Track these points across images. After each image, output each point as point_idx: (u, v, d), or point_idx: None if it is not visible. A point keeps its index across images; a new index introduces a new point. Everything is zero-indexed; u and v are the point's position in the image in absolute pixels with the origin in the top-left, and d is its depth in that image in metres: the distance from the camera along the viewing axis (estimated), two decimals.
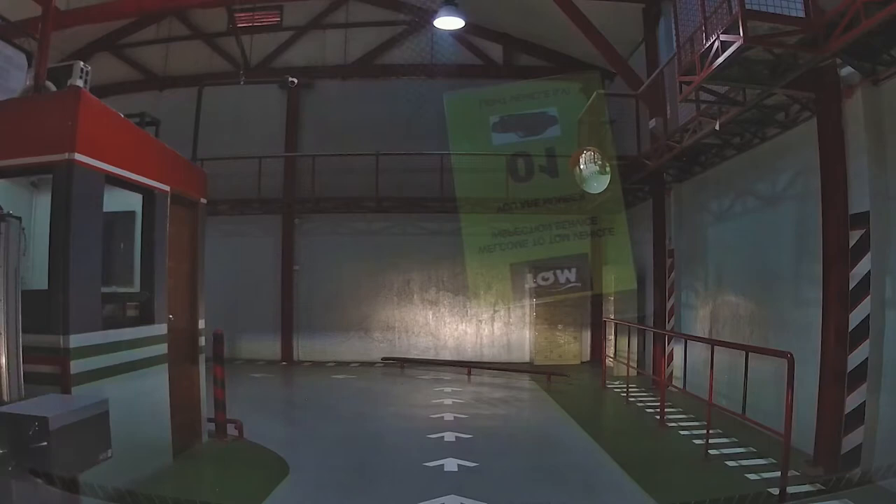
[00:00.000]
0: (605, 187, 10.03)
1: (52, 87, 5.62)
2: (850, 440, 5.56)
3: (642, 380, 11.09)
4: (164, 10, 13.85)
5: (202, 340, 6.89)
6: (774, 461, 5.90)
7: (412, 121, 13.55)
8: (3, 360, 3.56)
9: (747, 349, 6.37)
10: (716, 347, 6.89)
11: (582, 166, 10.07)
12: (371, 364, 13.83)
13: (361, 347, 14.41)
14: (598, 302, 13.76)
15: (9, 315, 3.59)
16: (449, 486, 5.46)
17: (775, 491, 5.16)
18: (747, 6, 5.06)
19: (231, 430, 6.95)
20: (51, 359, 4.52)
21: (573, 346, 13.98)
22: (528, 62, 14.93)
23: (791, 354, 5.26)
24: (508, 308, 14.57)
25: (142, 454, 5.17)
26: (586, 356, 14.23)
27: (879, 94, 5.73)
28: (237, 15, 13.55)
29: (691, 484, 5.71)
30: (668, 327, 10.67)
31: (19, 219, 3.88)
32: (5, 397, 3.55)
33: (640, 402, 9.47)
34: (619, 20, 11.18)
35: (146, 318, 5.75)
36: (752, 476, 5.72)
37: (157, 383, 5.70)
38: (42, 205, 5.32)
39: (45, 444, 3.23)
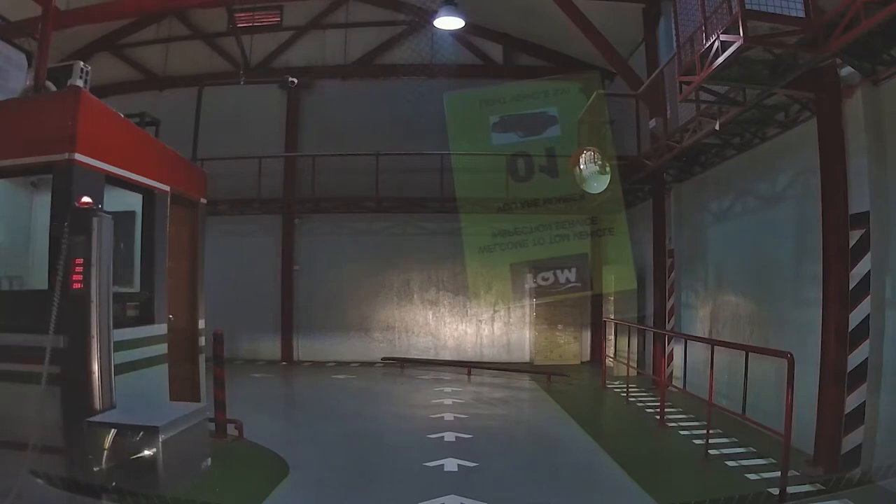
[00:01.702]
0: (605, 187, 10.03)
1: (52, 87, 5.62)
2: (850, 440, 5.56)
3: (642, 380, 11.09)
4: (164, 10, 13.85)
5: (202, 340, 6.89)
6: (774, 461, 5.90)
7: (412, 121, 13.53)
8: (96, 366, 3.27)
9: (747, 349, 6.37)
10: (716, 347, 6.89)
11: (582, 166, 10.07)
12: (371, 364, 13.83)
13: (361, 347, 14.41)
14: (598, 302, 13.77)
15: (101, 316, 3.30)
16: (449, 486, 5.45)
17: (775, 491, 5.15)
18: (747, 6, 5.06)
19: (231, 429, 6.94)
20: (51, 359, 4.51)
21: (573, 346, 13.98)
22: (528, 62, 14.93)
23: (791, 354, 5.25)
24: (508, 308, 14.57)
25: None
26: (586, 356, 14.23)
27: (879, 94, 5.73)
28: (237, 15, 13.56)
29: (691, 484, 5.70)
30: (668, 327, 10.67)
31: (111, 215, 3.63)
32: (97, 405, 3.25)
33: (640, 402, 9.47)
34: (619, 20, 11.18)
35: (146, 318, 5.74)
36: (752, 476, 5.72)
37: (157, 383, 5.70)
38: (42, 205, 5.32)
39: (155, 453, 2.97)
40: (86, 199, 3.43)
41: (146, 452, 3.03)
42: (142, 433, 3.04)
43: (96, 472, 3.01)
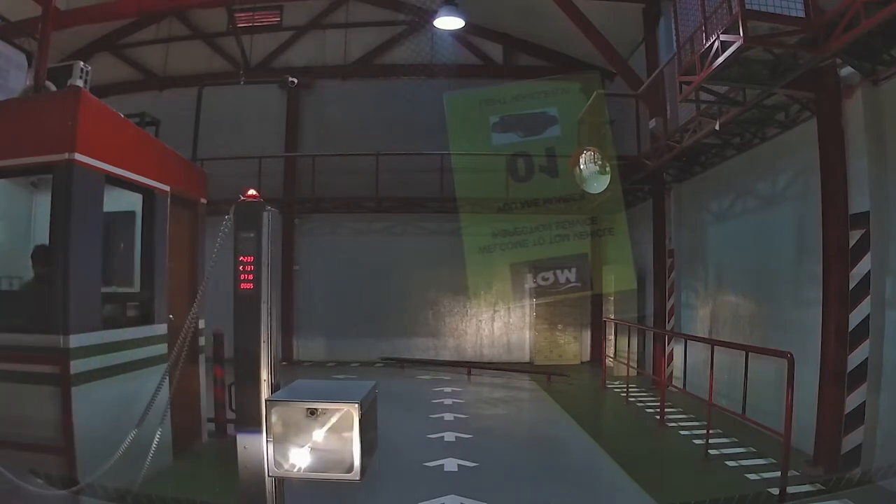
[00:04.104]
0: (605, 187, 10.03)
1: (52, 87, 5.62)
2: (850, 440, 5.57)
3: (642, 380, 11.09)
4: (164, 10, 13.83)
5: (202, 340, 6.88)
6: (774, 461, 5.91)
7: (412, 121, 13.54)
8: (265, 373, 2.99)
9: (747, 349, 6.38)
10: (716, 347, 6.89)
11: (582, 166, 10.07)
12: (371, 364, 13.82)
13: (361, 347, 14.39)
14: (598, 302, 13.76)
15: (272, 319, 3.11)
16: (449, 486, 5.46)
17: (775, 491, 5.16)
18: (747, 6, 5.07)
19: (231, 429, 6.93)
20: (51, 359, 4.52)
21: (573, 346, 13.98)
22: (528, 62, 14.93)
23: (791, 354, 5.26)
24: (508, 308, 14.56)
25: (142, 454, 5.15)
26: (586, 356, 14.23)
27: (879, 94, 5.73)
28: (237, 15, 13.55)
29: (691, 484, 5.71)
30: (668, 327, 10.67)
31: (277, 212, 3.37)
32: (265, 395, 3.04)
33: (640, 402, 9.47)
34: (619, 20, 11.18)
35: (146, 318, 5.74)
36: (752, 476, 5.73)
37: (156, 383, 5.68)
38: (42, 205, 5.32)
39: (353, 431, 2.79)
40: (251, 191, 3.24)
41: (344, 430, 2.81)
42: (339, 410, 2.78)
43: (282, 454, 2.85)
